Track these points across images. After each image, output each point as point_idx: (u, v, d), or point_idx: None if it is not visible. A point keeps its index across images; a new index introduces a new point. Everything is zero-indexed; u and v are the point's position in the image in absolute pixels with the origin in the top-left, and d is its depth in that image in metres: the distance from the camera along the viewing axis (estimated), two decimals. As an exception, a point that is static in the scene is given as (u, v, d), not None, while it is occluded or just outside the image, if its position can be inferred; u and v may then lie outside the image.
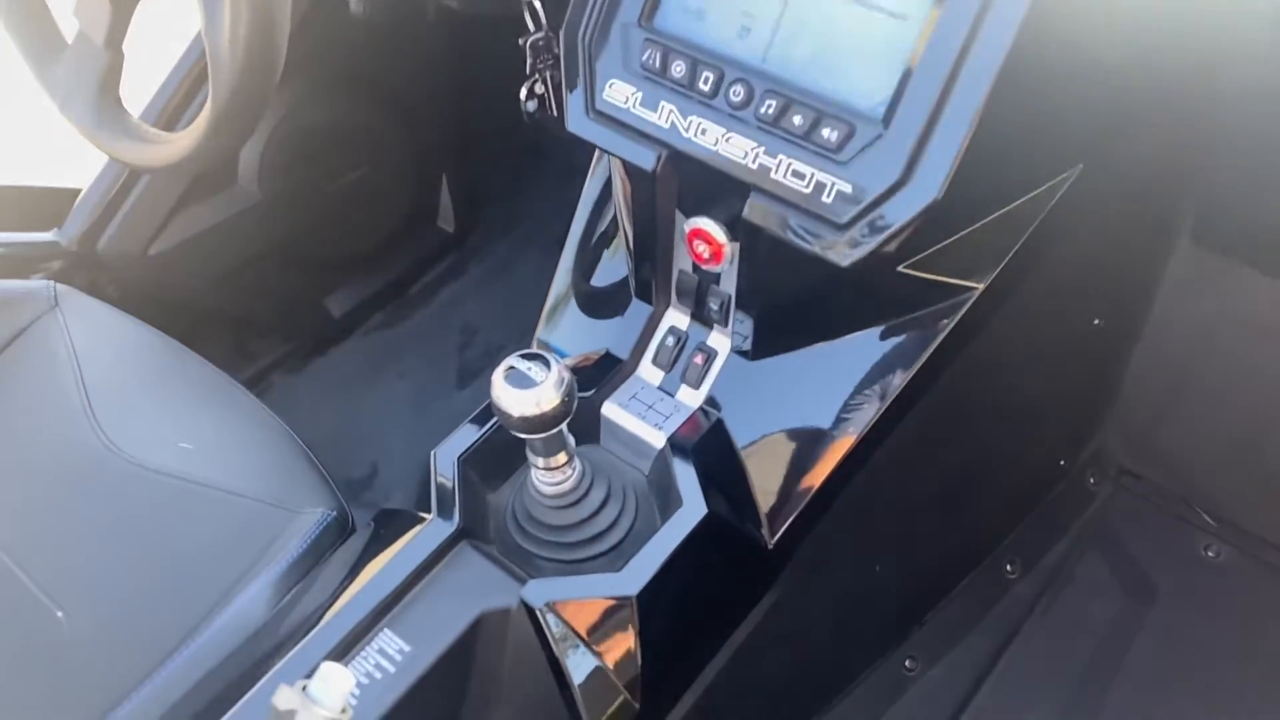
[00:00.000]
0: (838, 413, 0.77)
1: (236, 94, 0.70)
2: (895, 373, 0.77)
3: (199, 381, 1.07)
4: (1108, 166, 0.77)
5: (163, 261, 1.30)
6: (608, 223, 0.94)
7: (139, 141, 0.83)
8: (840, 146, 0.66)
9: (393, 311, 1.57)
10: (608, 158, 0.94)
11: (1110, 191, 0.82)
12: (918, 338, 0.76)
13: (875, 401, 0.77)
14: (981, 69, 0.61)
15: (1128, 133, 0.78)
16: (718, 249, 0.76)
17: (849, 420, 0.77)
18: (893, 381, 0.77)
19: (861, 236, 0.66)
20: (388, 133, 1.45)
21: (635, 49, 0.73)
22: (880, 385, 0.77)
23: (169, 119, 1.15)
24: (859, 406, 0.77)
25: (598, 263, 0.94)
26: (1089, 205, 0.78)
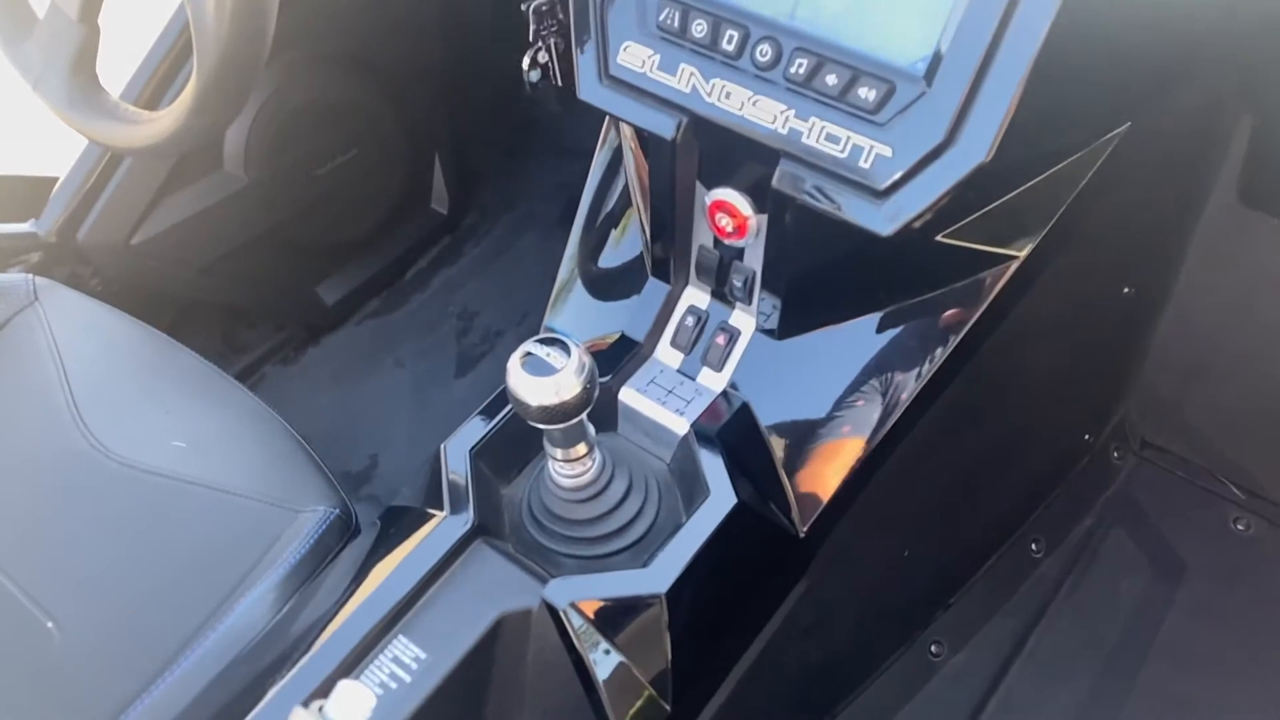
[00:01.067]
0: (871, 394, 0.73)
1: (223, 65, 0.65)
2: (932, 349, 0.72)
3: (189, 376, 1.02)
4: (1154, 124, 0.73)
5: (146, 251, 1.24)
6: (619, 199, 0.89)
7: (118, 121, 0.78)
8: (879, 107, 0.61)
9: (387, 298, 1.51)
10: (616, 128, 0.89)
11: (1153, 151, 0.78)
12: (955, 311, 0.72)
13: (911, 380, 0.72)
14: (1033, 20, 0.56)
15: (1175, 87, 0.74)
16: (742, 222, 0.72)
17: (883, 400, 0.73)
18: (929, 359, 0.72)
19: (903, 203, 0.61)
20: (378, 112, 1.39)
21: (651, 8, 0.68)
22: (916, 363, 0.72)
23: (150, 98, 1.09)
24: (894, 386, 0.73)
25: (609, 241, 0.89)
26: (1133, 166, 0.73)
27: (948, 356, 0.72)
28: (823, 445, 0.74)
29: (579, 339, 0.85)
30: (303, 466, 0.93)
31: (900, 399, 0.72)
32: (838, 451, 0.74)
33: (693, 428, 0.74)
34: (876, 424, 0.73)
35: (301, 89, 1.31)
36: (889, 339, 0.73)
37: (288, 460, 0.94)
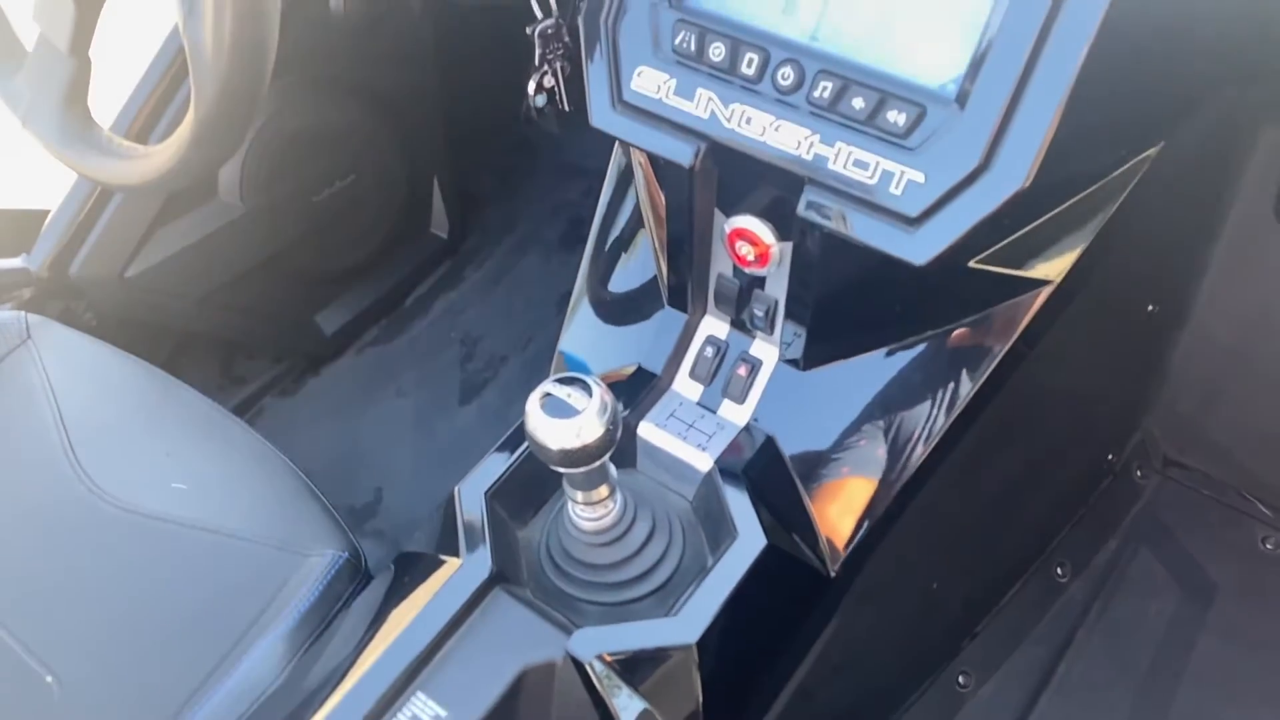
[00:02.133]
0: (902, 426, 0.70)
1: (221, 101, 0.62)
2: (964, 379, 0.70)
3: (189, 414, 0.99)
4: (1184, 142, 0.71)
5: (141, 284, 1.21)
6: (632, 219, 0.86)
7: (112, 157, 0.75)
8: (909, 131, 0.59)
9: (388, 325, 1.48)
10: (627, 149, 0.87)
11: (1182, 169, 0.75)
12: (988, 340, 0.69)
13: (942, 412, 0.70)
14: (1072, 38, 0.54)
15: (1206, 102, 0.71)
16: (764, 250, 0.69)
17: (915, 434, 0.70)
18: (961, 389, 0.70)
19: (937, 231, 0.59)
20: (375, 137, 1.37)
21: (666, 31, 0.66)
22: (948, 394, 0.70)
23: (141, 130, 1.06)
24: (925, 418, 0.70)
25: (622, 263, 0.87)
26: (1163, 185, 0.71)
27: (980, 386, 0.70)
28: (852, 480, 0.71)
29: (594, 368, 0.83)
30: (308, 507, 0.90)
31: (932, 432, 0.70)
32: (868, 487, 0.71)
33: (716, 464, 0.72)
34: (908, 458, 0.70)
35: (298, 115, 1.28)
36: (920, 369, 0.70)
37: (292, 500, 0.91)
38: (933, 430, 0.70)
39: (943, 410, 0.70)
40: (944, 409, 0.70)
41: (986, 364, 0.70)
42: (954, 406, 0.70)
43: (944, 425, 0.70)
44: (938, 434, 0.70)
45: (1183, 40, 0.61)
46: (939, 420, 0.70)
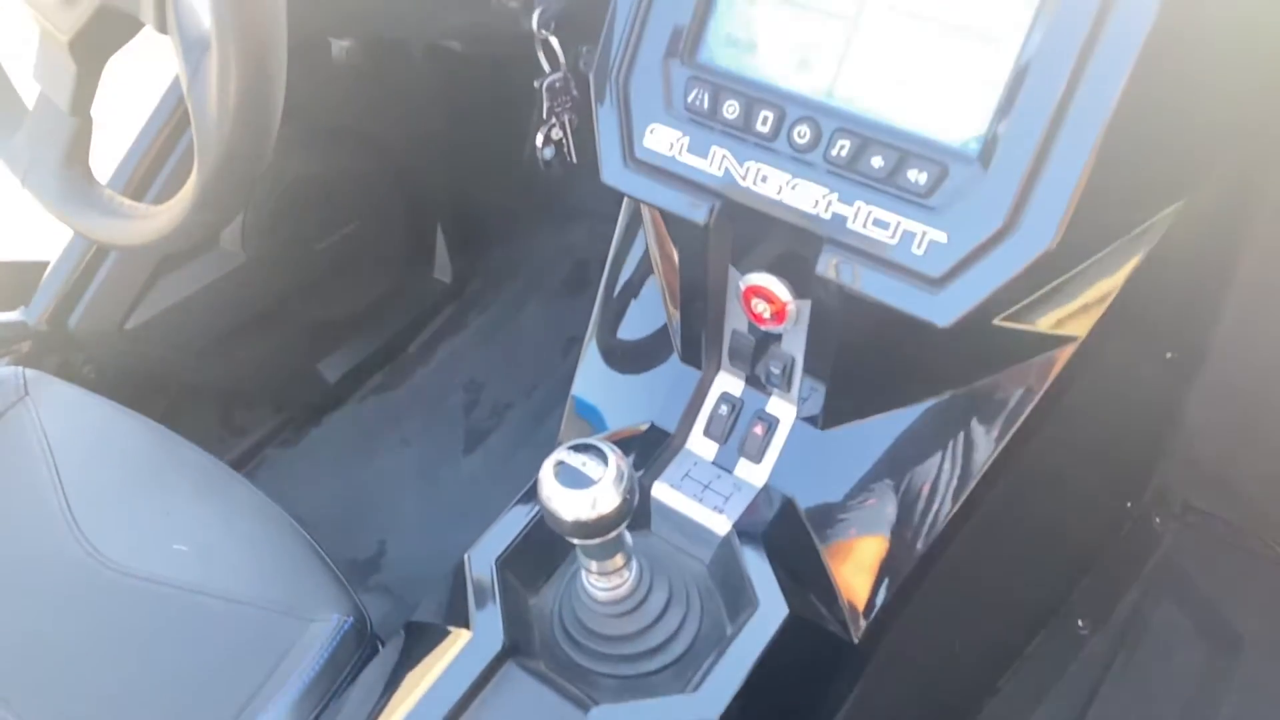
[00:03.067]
0: (925, 487, 0.68)
1: (226, 163, 0.61)
2: (988, 438, 0.68)
3: (189, 471, 0.97)
4: (1207, 195, 0.69)
5: (141, 336, 1.19)
6: (643, 267, 0.85)
7: (113, 217, 0.73)
8: (930, 190, 0.57)
9: (391, 372, 1.46)
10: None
11: (1204, 221, 0.74)
12: (1012, 398, 0.67)
13: (967, 472, 0.68)
14: (1098, 95, 0.53)
15: (1229, 154, 0.70)
16: (780, 308, 0.67)
17: (938, 495, 0.68)
18: (985, 448, 0.68)
19: (962, 292, 0.57)
20: (378, 183, 1.36)
21: (679, 88, 0.65)
22: (973, 454, 0.68)
23: (140, 185, 1.05)
24: (948, 478, 0.68)
25: (634, 312, 0.85)
26: (1187, 237, 0.70)
27: (1005, 446, 0.68)
28: (874, 543, 0.69)
29: (606, 416, 0.81)
30: (312, 568, 0.88)
31: (955, 492, 0.68)
32: (890, 550, 0.69)
33: (734, 527, 0.69)
34: (931, 520, 0.68)
35: (300, 163, 1.27)
36: (943, 429, 0.68)
37: (295, 561, 0.89)
38: (956, 491, 0.68)
39: (966, 470, 0.68)
40: (968, 469, 0.68)
41: (1011, 422, 0.68)
42: (978, 466, 0.68)
43: (968, 486, 0.68)
44: (962, 495, 0.68)
45: (1205, 94, 0.60)
46: (963, 481, 0.68)
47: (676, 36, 0.65)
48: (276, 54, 0.58)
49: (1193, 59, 0.56)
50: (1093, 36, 0.52)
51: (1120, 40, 0.52)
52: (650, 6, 0.65)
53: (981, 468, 0.68)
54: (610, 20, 0.67)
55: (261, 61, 0.57)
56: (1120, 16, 0.51)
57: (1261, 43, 0.63)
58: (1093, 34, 0.52)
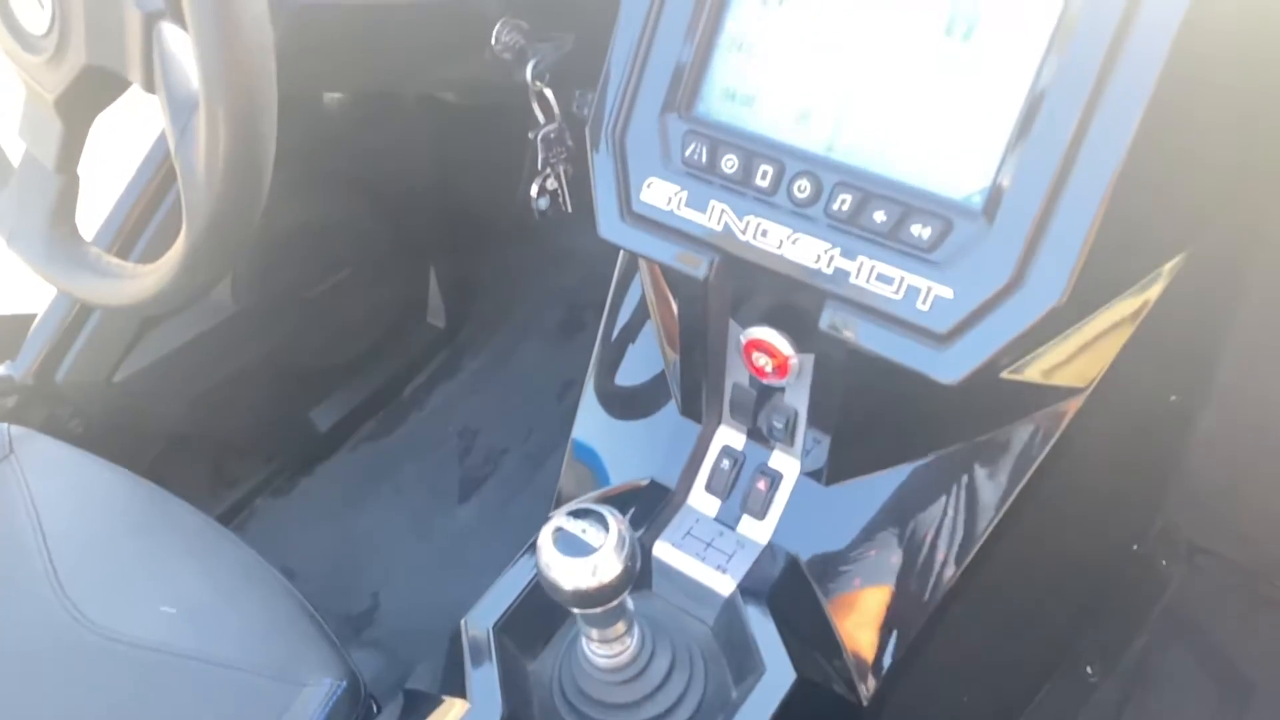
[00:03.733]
0: (933, 544, 0.67)
1: (215, 224, 0.60)
2: (996, 493, 0.66)
3: (178, 529, 0.95)
4: (1211, 241, 0.68)
5: (129, 388, 1.17)
6: (641, 311, 0.84)
7: (100, 276, 0.72)
8: (934, 245, 0.56)
9: (384, 419, 1.45)
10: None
11: (1210, 266, 0.73)
12: (1021, 451, 0.66)
13: (975, 527, 0.66)
14: (1105, 148, 0.52)
15: (1235, 198, 0.70)
16: (782, 362, 0.66)
17: (946, 552, 0.67)
18: (994, 503, 0.66)
19: (969, 349, 0.56)
20: (371, 229, 1.35)
21: (676, 142, 0.64)
22: (981, 509, 0.66)
23: (126, 241, 1.03)
24: (957, 535, 0.67)
25: (633, 358, 0.84)
26: (1193, 284, 0.69)
27: (1013, 500, 0.66)
28: (882, 603, 0.67)
29: (605, 467, 0.79)
30: (303, 629, 0.85)
31: (964, 549, 0.66)
32: (898, 609, 0.67)
33: (738, 587, 0.68)
34: (939, 577, 0.67)
35: (291, 210, 1.26)
36: (951, 484, 0.67)
37: (286, 622, 0.86)
38: (964, 547, 0.66)
39: (974, 526, 0.67)
40: (976, 525, 0.66)
41: (1019, 476, 0.66)
42: (986, 522, 0.66)
43: (977, 542, 0.66)
44: (970, 551, 0.66)
45: (1214, 137, 0.60)
46: (971, 536, 0.66)
47: (673, 89, 0.64)
48: (267, 114, 0.57)
49: (1202, 104, 0.56)
50: (1098, 88, 0.51)
51: (1127, 91, 0.51)
52: (646, 60, 0.65)
53: (990, 524, 0.66)
54: (606, 74, 0.66)
55: (251, 122, 0.56)
56: (1127, 67, 0.51)
57: (1272, 81, 0.62)
58: (1098, 85, 0.51)
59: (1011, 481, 0.67)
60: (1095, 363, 0.65)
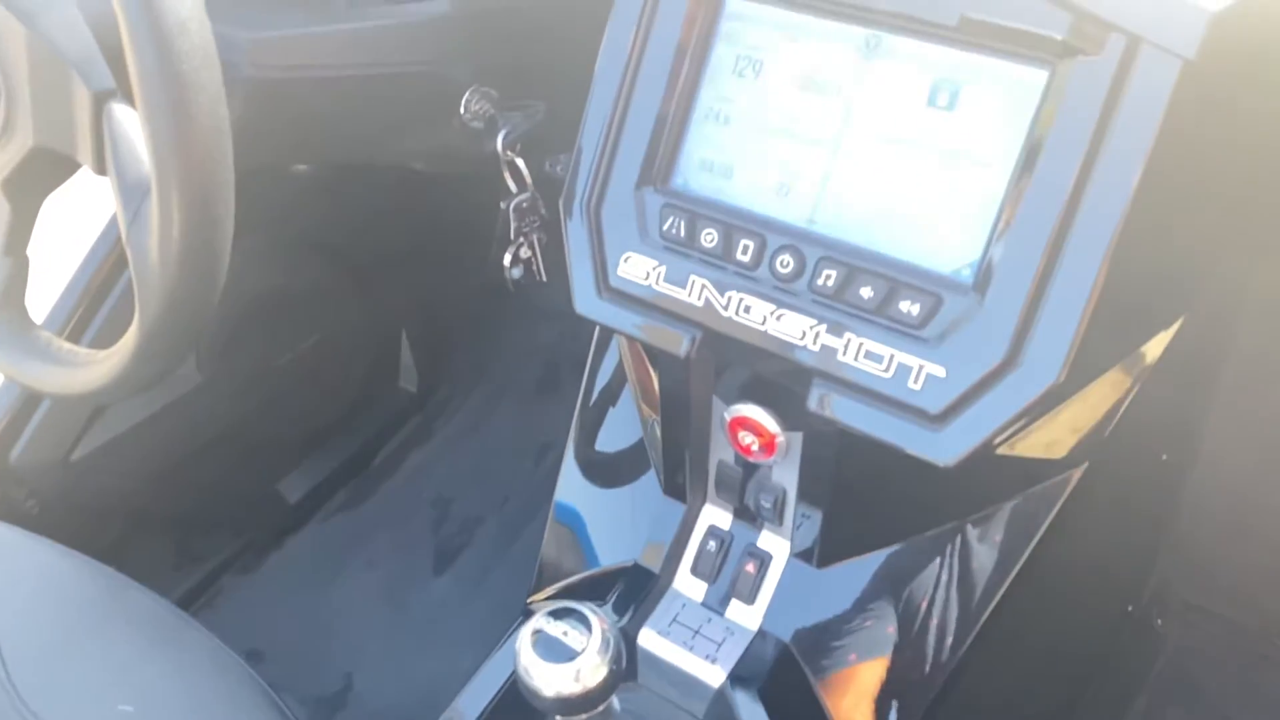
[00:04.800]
0: (931, 628, 0.64)
1: (170, 313, 0.57)
2: (996, 572, 0.64)
3: (138, 619, 0.90)
4: (1202, 309, 0.67)
5: (88, 466, 1.13)
6: (621, 374, 0.81)
7: (52, 364, 0.68)
8: (924, 322, 0.54)
9: (355, 489, 1.40)
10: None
11: (1203, 331, 0.71)
12: (1020, 526, 0.64)
13: (976, 609, 0.64)
14: (1099, 222, 0.50)
15: (1229, 263, 0.68)
16: (769, 440, 0.63)
17: (945, 636, 0.64)
18: (994, 583, 0.64)
19: (964, 430, 0.53)
20: (341, 294, 1.31)
21: (653, 216, 0.62)
22: (980, 588, 0.64)
23: (78, 324, 1.00)
24: (956, 618, 0.64)
25: (616, 427, 0.81)
26: (1186, 350, 0.67)
27: (1013, 578, 0.64)
28: (880, 692, 0.64)
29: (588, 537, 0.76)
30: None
31: (964, 632, 0.63)
32: (898, 696, 0.64)
33: (729, 678, 0.64)
34: (938, 660, 0.64)
35: (258, 277, 1.23)
36: (948, 565, 0.64)
37: (252, 717, 0.82)
38: (963, 630, 0.64)
39: (973, 607, 0.64)
40: (975, 605, 0.64)
41: (1019, 552, 0.64)
42: (986, 602, 0.64)
43: (977, 623, 0.63)
44: (970, 633, 0.63)
45: (1210, 202, 0.58)
46: (970, 618, 0.64)
47: (649, 161, 0.62)
48: (222, 197, 0.54)
49: (1199, 167, 0.54)
50: (1090, 156, 0.50)
51: (1121, 159, 0.49)
52: (620, 131, 0.63)
53: (990, 604, 0.64)
54: (579, 146, 0.64)
55: (206, 206, 0.53)
56: (1120, 133, 0.49)
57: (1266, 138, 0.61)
58: (1090, 153, 0.50)
59: (1010, 558, 0.64)
60: (1094, 434, 0.63)
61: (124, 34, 0.50)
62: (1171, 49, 0.47)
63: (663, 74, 0.61)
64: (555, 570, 0.80)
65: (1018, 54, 0.52)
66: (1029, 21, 0.51)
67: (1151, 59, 0.48)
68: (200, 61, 0.51)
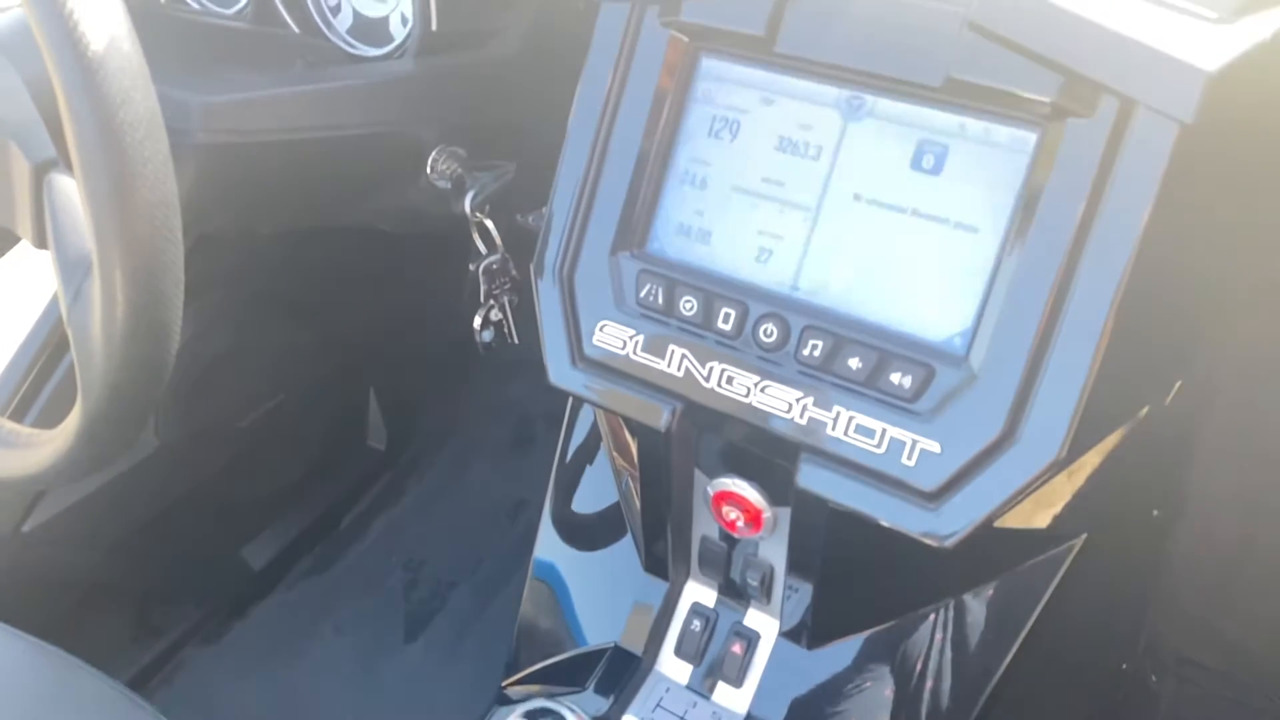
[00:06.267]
0: (932, 708, 0.61)
1: (114, 397, 0.53)
2: (996, 649, 0.61)
3: (89, 706, 0.85)
4: (1199, 371, 0.65)
5: (41, 538, 1.07)
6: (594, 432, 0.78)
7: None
8: (917, 394, 0.51)
9: (322, 553, 1.35)
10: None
11: (1199, 395, 0.69)
12: (1017, 602, 0.61)
13: (975, 688, 0.60)
14: (1098, 287, 0.48)
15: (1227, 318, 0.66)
16: (755, 515, 0.60)
17: (947, 715, 0.60)
18: (994, 660, 0.61)
19: (962, 508, 0.51)
20: (306, 352, 1.27)
21: (629, 282, 0.59)
22: (979, 666, 0.61)
23: (19, 406, 0.95)
24: (958, 695, 0.61)
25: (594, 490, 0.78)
26: (1183, 415, 0.65)
27: (1013, 654, 0.61)
28: (878, 779, 0.61)
29: (567, 618, 0.73)
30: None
31: (966, 712, 0.60)
32: (896, 784, 0.61)
33: (717, 770, 0.61)
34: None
35: (219, 336, 1.19)
36: (946, 644, 0.61)
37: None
38: (965, 710, 0.60)
39: (974, 685, 0.61)
40: (976, 683, 0.61)
41: (1021, 625, 0.61)
42: (987, 679, 0.61)
43: (977, 703, 0.60)
44: (972, 713, 0.60)
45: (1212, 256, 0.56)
46: (971, 697, 0.61)
47: (624, 226, 0.60)
48: (169, 275, 0.51)
49: (1196, 226, 0.52)
50: (1087, 218, 0.48)
51: (1118, 226, 0.47)
52: (593, 194, 0.60)
53: (991, 680, 0.61)
54: (550, 210, 0.61)
55: (151, 286, 0.50)
56: (1117, 197, 0.47)
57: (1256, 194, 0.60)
58: (1086, 215, 0.48)
59: (1012, 631, 0.61)
60: (1092, 503, 0.60)
61: (62, 105, 0.47)
62: (1168, 113, 0.45)
63: (636, 135, 0.59)
64: (532, 647, 0.76)
65: (1006, 115, 0.50)
66: (1017, 83, 0.49)
67: (1147, 122, 0.46)
68: (145, 132, 0.47)
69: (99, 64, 0.46)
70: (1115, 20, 0.47)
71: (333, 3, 0.80)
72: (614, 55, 0.59)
